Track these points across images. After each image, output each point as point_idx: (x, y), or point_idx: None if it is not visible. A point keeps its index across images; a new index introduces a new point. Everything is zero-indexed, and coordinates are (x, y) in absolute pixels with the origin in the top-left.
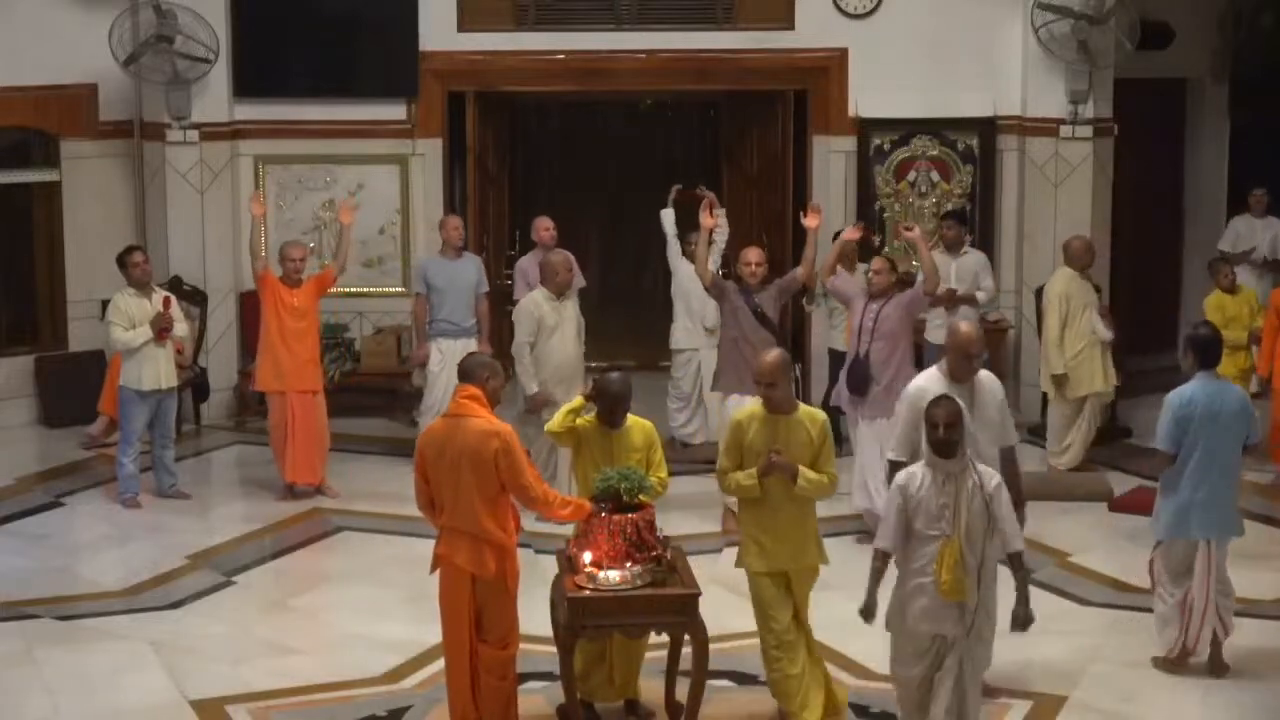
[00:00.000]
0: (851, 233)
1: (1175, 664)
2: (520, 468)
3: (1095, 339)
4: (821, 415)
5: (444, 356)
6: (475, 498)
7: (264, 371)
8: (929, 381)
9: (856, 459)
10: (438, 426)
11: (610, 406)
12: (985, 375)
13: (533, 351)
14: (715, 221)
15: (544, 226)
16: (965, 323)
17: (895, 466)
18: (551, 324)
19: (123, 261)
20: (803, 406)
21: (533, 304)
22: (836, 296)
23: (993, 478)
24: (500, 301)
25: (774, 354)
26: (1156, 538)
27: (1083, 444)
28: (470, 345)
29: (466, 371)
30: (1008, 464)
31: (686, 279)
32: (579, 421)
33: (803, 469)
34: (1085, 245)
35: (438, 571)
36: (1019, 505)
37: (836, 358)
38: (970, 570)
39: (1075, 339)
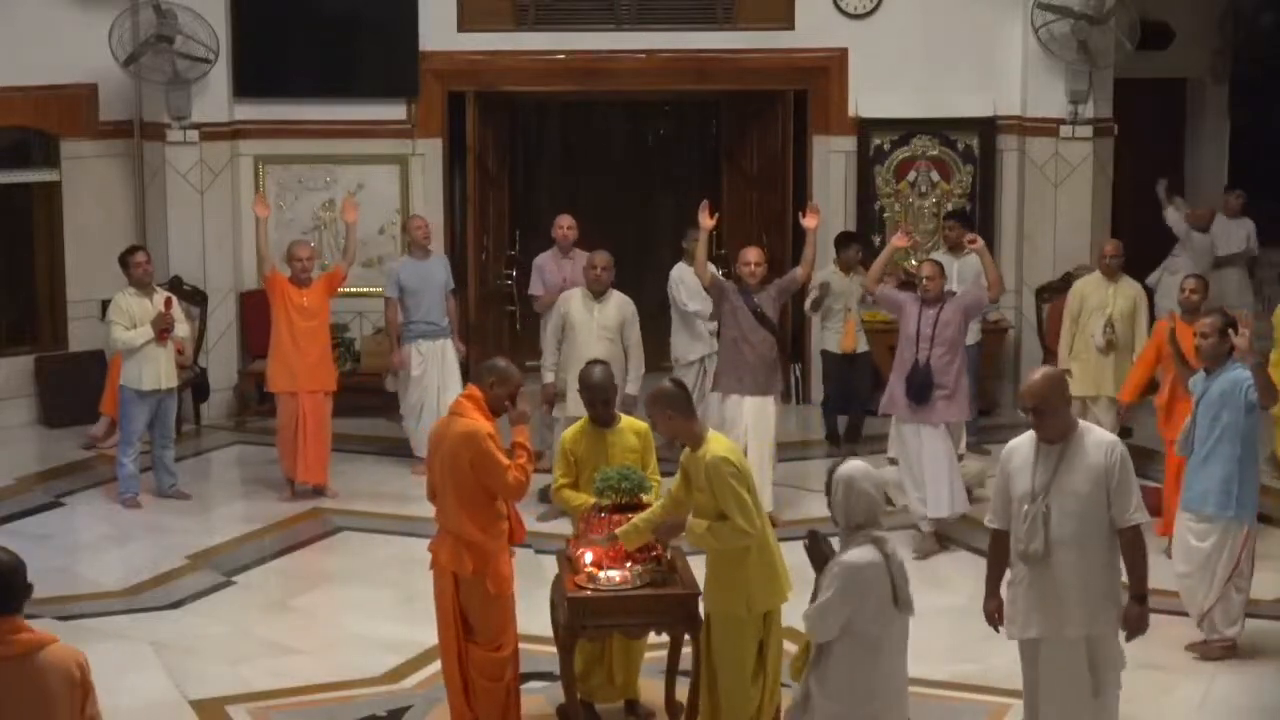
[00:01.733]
0: (901, 239)
1: (1229, 651)
2: (491, 466)
3: (1094, 344)
4: (712, 456)
5: (424, 358)
6: (453, 497)
7: (275, 372)
8: (1020, 443)
9: (924, 466)
10: (441, 422)
11: (591, 398)
12: (1091, 438)
13: (560, 346)
14: (715, 222)
15: (563, 225)
16: (1039, 370)
17: (993, 535)
18: (576, 321)
19: (125, 261)
20: (711, 439)
21: (563, 299)
22: (886, 306)
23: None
24: (500, 301)
25: (653, 388)
26: (1245, 522)
27: None
28: (448, 345)
29: (477, 372)
30: (1127, 549)
31: (687, 283)
32: (576, 428)
33: (693, 521)
34: (1107, 249)
35: None
36: (1139, 600)
37: (830, 360)
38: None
39: (1080, 341)
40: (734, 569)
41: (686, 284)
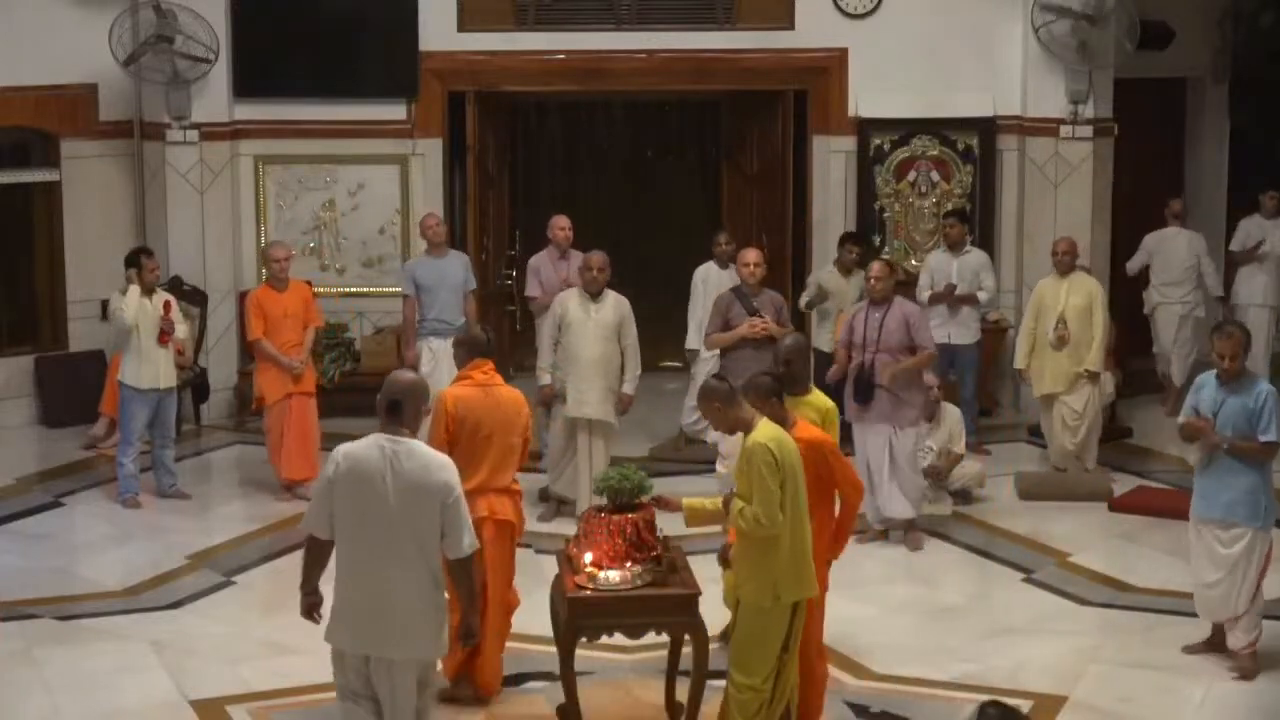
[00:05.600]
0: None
1: (1255, 658)
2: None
3: (1048, 341)
4: (753, 441)
5: (435, 355)
6: (511, 457)
7: (267, 383)
8: None
9: (861, 463)
10: (473, 395)
11: None
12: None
13: (558, 348)
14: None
15: (559, 225)
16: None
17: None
18: (573, 321)
19: (136, 263)
20: (762, 426)
21: (559, 300)
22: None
23: None
24: (501, 301)
25: (700, 386)
26: (1270, 532)
27: (1060, 444)
28: None
29: (477, 348)
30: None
31: (710, 283)
32: None
33: (735, 500)
34: (1059, 246)
35: None
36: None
37: (821, 359)
38: None
39: (1040, 340)
40: (763, 557)
41: (708, 285)
